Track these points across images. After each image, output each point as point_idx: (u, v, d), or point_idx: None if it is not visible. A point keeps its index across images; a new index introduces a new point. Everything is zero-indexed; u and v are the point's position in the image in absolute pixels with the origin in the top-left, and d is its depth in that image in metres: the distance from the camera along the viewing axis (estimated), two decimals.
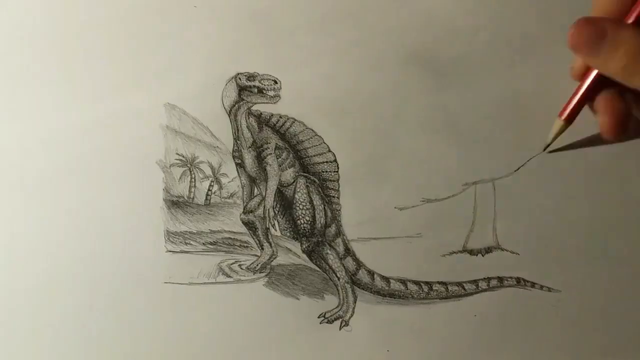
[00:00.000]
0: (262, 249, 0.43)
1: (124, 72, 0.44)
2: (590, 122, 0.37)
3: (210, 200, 0.44)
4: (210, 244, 0.44)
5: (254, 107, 0.43)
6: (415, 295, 0.41)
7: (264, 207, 0.43)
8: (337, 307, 0.41)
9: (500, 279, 0.40)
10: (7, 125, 0.44)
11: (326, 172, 0.42)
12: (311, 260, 0.42)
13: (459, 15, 0.41)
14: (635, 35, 0.33)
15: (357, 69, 0.42)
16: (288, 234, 0.43)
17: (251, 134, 0.43)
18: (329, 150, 0.42)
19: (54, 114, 0.44)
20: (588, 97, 0.37)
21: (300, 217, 0.43)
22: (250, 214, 0.43)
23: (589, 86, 0.36)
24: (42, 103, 0.44)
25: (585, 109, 0.37)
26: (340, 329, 0.41)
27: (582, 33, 0.34)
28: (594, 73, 0.36)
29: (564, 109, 0.38)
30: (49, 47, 0.44)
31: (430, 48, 0.41)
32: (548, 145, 0.39)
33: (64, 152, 0.44)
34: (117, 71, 0.44)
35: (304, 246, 0.43)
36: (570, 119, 0.38)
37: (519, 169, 0.40)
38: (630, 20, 0.34)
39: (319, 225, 0.42)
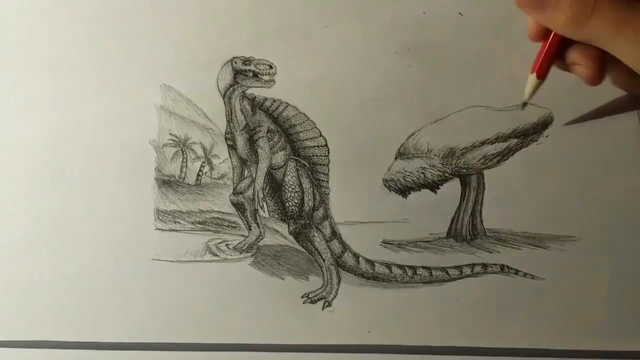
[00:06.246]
0: (250, 229, 0.43)
1: (123, 54, 0.45)
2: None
3: (200, 181, 0.44)
4: (199, 223, 0.44)
5: (249, 91, 0.44)
6: (399, 279, 0.41)
7: (254, 188, 0.43)
8: (321, 288, 0.41)
9: (485, 266, 0.40)
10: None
11: (317, 156, 0.43)
12: (298, 242, 0.43)
13: (448, 8, 0.41)
14: None
15: (350, 58, 0.42)
16: (276, 216, 0.43)
17: (244, 117, 0.44)
18: (320, 135, 0.43)
19: (53, 81, 0.45)
20: (555, 52, 0.35)
21: (289, 199, 0.43)
22: (240, 195, 0.44)
23: (553, 41, 0.35)
24: (54, 66, 0.45)
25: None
26: (322, 310, 0.41)
27: None
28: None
29: (535, 63, 0.36)
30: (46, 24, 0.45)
31: (420, 39, 0.41)
32: (525, 103, 0.38)
33: (60, 120, 0.45)
34: (115, 52, 0.45)
35: (291, 228, 0.43)
36: (542, 75, 0.36)
37: (507, 159, 0.40)
38: None
39: (307, 208, 0.43)
